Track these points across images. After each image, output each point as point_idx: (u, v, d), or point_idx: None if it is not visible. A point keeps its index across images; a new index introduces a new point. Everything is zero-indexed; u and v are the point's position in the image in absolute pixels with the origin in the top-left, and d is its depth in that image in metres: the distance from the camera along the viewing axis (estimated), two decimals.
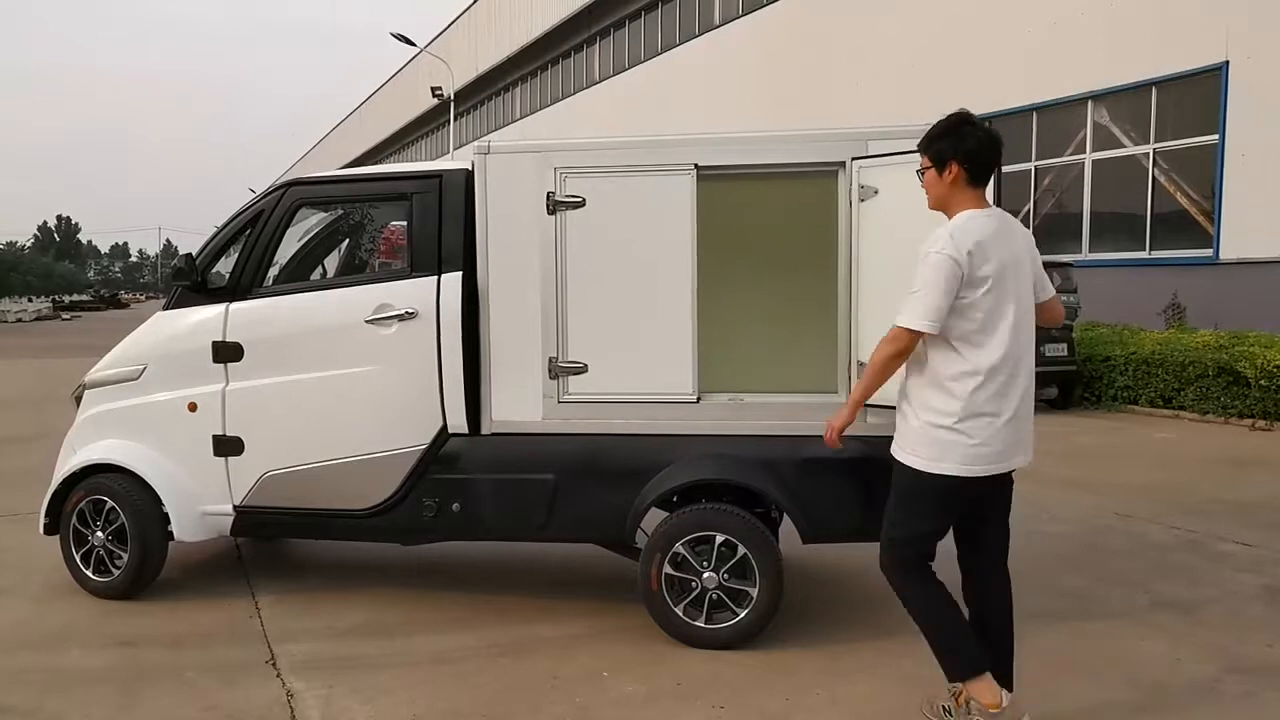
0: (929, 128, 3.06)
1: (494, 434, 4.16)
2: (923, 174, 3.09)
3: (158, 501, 4.38)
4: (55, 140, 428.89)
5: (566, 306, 4.05)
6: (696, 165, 3.96)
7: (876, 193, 3.78)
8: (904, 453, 3.08)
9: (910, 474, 3.05)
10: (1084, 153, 14.35)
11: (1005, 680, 3.10)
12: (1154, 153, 13.36)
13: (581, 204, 4.01)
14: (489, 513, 4.19)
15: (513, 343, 4.11)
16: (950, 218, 3.02)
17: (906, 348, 2.98)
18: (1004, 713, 2.99)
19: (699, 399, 4.07)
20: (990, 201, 3.08)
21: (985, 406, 2.92)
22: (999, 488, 3.09)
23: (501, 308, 4.12)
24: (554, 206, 4.02)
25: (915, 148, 3.12)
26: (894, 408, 3.80)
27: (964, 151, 2.96)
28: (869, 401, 3.30)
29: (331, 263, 5.48)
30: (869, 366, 3.07)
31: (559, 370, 4.07)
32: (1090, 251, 14.21)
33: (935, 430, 2.97)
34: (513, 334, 4.11)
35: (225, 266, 4.56)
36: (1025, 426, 3.01)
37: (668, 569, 3.88)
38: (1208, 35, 12.34)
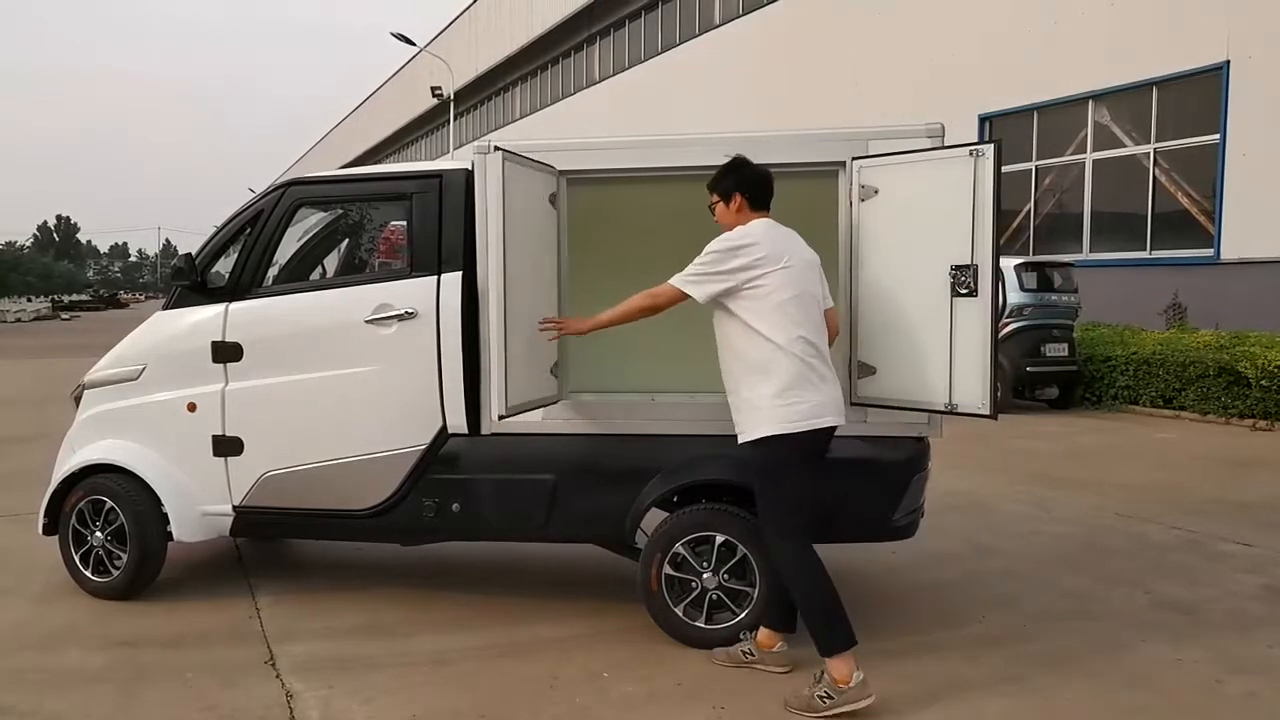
0: (727, 164, 3.54)
1: (494, 434, 4.16)
2: (713, 209, 3.56)
3: (157, 502, 4.38)
4: (55, 140, 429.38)
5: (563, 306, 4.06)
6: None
7: (877, 192, 3.77)
8: (745, 432, 3.42)
9: (757, 449, 3.38)
10: (1084, 152, 14.35)
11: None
12: (1155, 152, 13.36)
13: None
14: (489, 513, 4.18)
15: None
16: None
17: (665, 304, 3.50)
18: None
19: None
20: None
21: None
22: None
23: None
24: (554, 206, 4.01)
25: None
26: (896, 407, 3.81)
27: (745, 183, 3.50)
28: (870, 401, 3.65)
29: (331, 263, 5.47)
30: (625, 306, 3.57)
31: (559, 370, 4.07)
32: (1091, 251, 14.21)
33: (752, 402, 3.37)
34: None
35: (225, 266, 4.55)
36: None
37: (668, 569, 3.87)
38: (1208, 35, 12.34)
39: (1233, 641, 3.96)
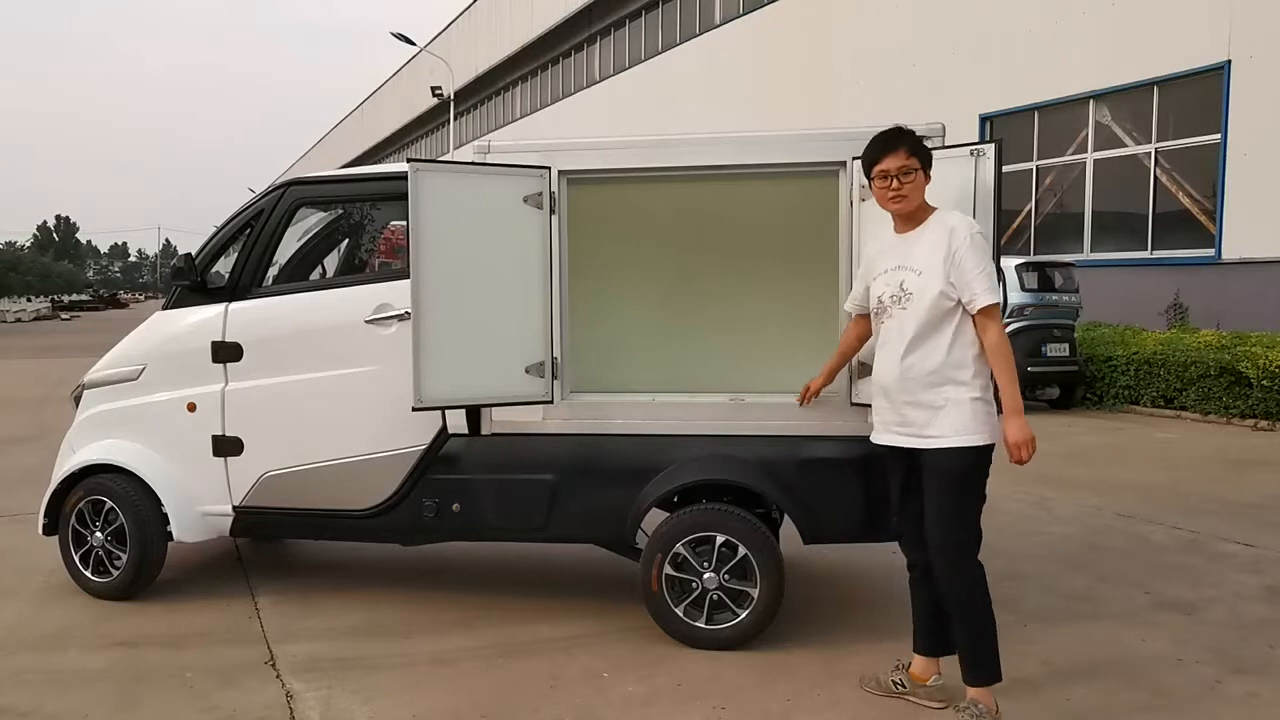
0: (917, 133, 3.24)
1: (494, 434, 4.16)
2: (903, 178, 3.19)
3: (157, 502, 4.38)
4: (56, 140, 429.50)
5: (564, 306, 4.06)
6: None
7: None
8: (966, 435, 3.08)
9: (974, 455, 3.09)
10: (1085, 152, 14.34)
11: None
12: (1156, 152, 13.36)
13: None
14: (489, 513, 4.18)
15: None
16: (923, 213, 3.24)
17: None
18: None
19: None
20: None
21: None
22: None
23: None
24: (555, 206, 4.01)
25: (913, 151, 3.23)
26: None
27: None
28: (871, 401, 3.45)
29: (331, 263, 5.47)
30: (1006, 360, 3.04)
31: (559, 370, 4.07)
32: (1092, 251, 14.20)
33: (981, 403, 3.08)
34: None
35: (225, 266, 4.55)
36: None
37: (668, 569, 3.87)
38: (1209, 35, 12.34)
39: (1233, 641, 3.96)
